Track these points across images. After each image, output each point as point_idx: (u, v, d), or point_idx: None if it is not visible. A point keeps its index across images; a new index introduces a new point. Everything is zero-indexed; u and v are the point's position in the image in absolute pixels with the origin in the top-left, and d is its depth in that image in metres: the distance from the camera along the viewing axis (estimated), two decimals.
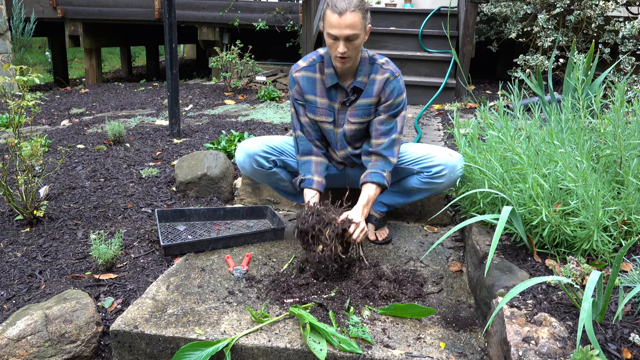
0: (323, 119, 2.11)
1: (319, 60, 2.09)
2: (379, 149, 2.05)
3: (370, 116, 2.09)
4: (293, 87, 2.13)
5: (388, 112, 2.04)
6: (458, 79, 4.62)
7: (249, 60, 5.38)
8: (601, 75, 2.67)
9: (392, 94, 2.03)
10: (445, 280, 1.96)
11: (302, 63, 2.12)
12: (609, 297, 1.33)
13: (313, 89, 2.09)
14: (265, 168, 2.13)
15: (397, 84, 2.04)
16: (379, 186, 2.01)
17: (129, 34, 8.03)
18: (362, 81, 2.04)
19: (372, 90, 2.04)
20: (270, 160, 2.13)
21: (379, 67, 2.04)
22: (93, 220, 2.40)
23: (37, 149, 2.28)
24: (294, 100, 2.14)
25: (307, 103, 2.11)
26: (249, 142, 2.14)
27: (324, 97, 2.09)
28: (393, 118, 2.06)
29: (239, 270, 1.95)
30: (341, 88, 2.06)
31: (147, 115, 4.54)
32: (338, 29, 1.88)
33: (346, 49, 1.91)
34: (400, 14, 5.65)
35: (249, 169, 2.14)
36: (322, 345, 1.50)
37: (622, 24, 4.18)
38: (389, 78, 2.03)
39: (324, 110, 2.10)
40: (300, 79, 2.10)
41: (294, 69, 2.13)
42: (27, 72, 2.20)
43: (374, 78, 2.04)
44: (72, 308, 1.62)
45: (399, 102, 2.05)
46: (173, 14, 3.44)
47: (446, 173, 2.02)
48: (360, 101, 2.06)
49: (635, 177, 1.73)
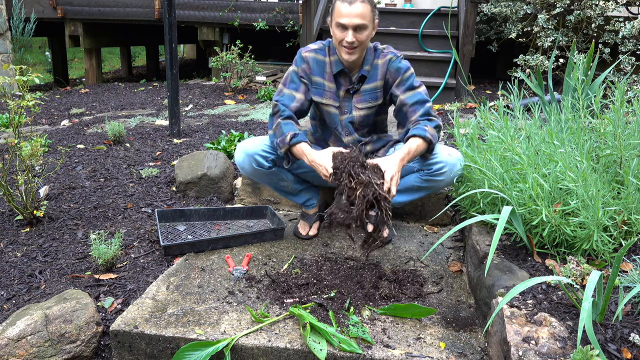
0: (330, 102, 2.13)
1: (327, 44, 2.12)
2: (417, 117, 2.01)
3: (377, 100, 2.11)
4: (300, 65, 2.11)
5: (404, 88, 2.05)
6: (458, 79, 4.62)
7: (249, 60, 5.38)
8: (601, 75, 2.67)
9: (399, 72, 2.06)
10: (445, 280, 1.96)
11: (312, 46, 2.14)
12: (609, 297, 1.33)
13: (322, 72, 2.11)
14: (265, 168, 2.11)
15: (400, 62, 2.08)
16: (421, 138, 1.92)
17: (129, 34, 8.03)
18: (367, 70, 2.08)
19: (377, 74, 2.08)
20: (270, 159, 2.11)
21: (380, 52, 2.09)
22: (93, 220, 2.40)
23: (37, 149, 2.28)
24: (298, 75, 2.11)
25: (313, 85, 2.12)
26: (248, 142, 2.13)
27: (332, 82, 2.11)
28: (413, 90, 2.05)
29: (239, 270, 1.95)
30: (346, 75, 2.09)
31: (147, 115, 4.54)
32: (348, 17, 1.92)
33: (354, 38, 1.94)
34: (400, 14, 5.65)
35: (249, 169, 2.12)
36: (322, 345, 1.50)
37: (622, 24, 4.18)
38: (391, 58, 2.08)
39: (331, 94, 2.12)
40: (310, 59, 2.11)
41: (303, 49, 2.13)
42: (27, 72, 2.20)
43: (377, 63, 2.08)
44: (72, 308, 1.62)
45: (409, 75, 2.06)
46: (173, 14, 3.44)
47: (446, 171, 2.02)
48: (365, 86, 2.09)
49: (635, 177, 1.73)
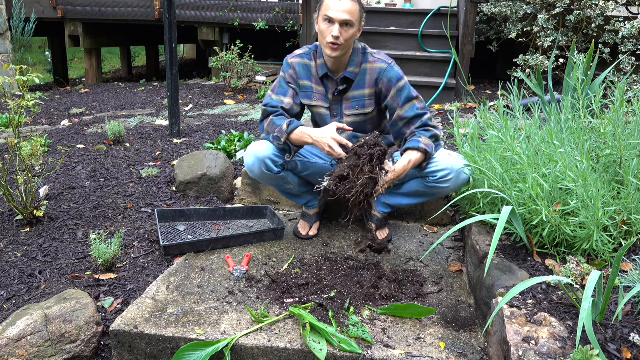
0: (320, 104, 2.13)
1: (314, 49, 2.12)
2: (413, 129, 2.01)
3: (365, 108, 2.09)
4: (287, 71, 2.13)
5: (401, 101, 2.02)
6: (458, 79, 4.62)
7: (249, 60, 5.38)
8: (601, 75, 2.67)
9: (392, 82, 2.03)
10: (445, 280, 1.96)
11: (297, 51, 2.16)
12: (609, 297, 1.33)
13: (308, 76, 2.11)
14: (274, 172, 2.08)
15: (393, 70, 2.03)
16: (415, 150, 1.93)
17: (129, 34, 8.03)
18: (353, 72, 2.05)
19: (365, 80, 2.05)
20: (279, 164, 2.08)
21: (369, 56, 2.06)
22: (93, 220, 2.40)
23: (37, 149, 2.28)
24: (285, 81, 2.13)
25: (302, 89, 2.13)
26: (259, 146, 2.07)
27: (319, 85, 2.11)
28: (410, 102, 2.02)
29: (239, 270, 1.95)
30: (331, 78, 2.08)
31: (147, 115, 4.54)
32: (336, 11, 1.92)
33: (339, 34, 1.93)
34: (400, 14, 5.65)
35: (258, 172, 2.09)
36: (322, 345, 1.50)
37: (622, 24, 4.18)
38: (383, 67, 2.04)
39: (319, 96, 2.12)
40: (296, 64, 2.12)
41: (289, 56, 2.15)
42: (27, 72, 2.20)
43: (365, 68, 2.05)
44: (72, 308, 1.62)
45: (402, 86, 2.03)
46: (173, 14, 3.44)
47: (452, 177, 1.97)
48: (353, 92, 2.08)
49: (635, 177, 1.73)
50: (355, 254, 2.11)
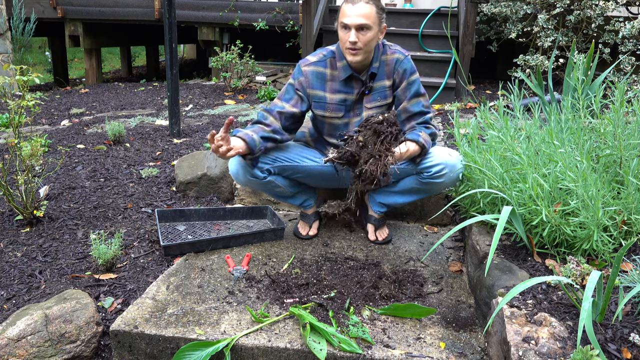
0: (333, 115, 2.11)
1: (330, 55, 2.09)
2: (414, 124, 2.08)
3: (386, 99, 2.11)
4: (297, 78, 2.09)
5: (410, 95, 2.07)
6: (458, 79, 4.62)
7: (249, 60, 5.38)
8: (601, 75, 2.67)
9: (406, 74, 2.07)
10: (445, 280, 1.96)
11: (311, 58, 2.10)
12: (609, 297, 1.33)
13: (322, 85, 2.08)
14: (260, 178, 2.04)
15: (409, 63, 2.09)
16: (414, 142, 1.97)
17: (129, 34, 8.03)
18: (376, 67, 2.08)
19: (384, 71, 2.08)
20: (264, 170, 2.04)
21: (387, 48, 2.09)
22: (93, 220, 2.40)
23: (37, 149, 2.28)
24: (294, 88, 2.09)
25: (314, 99, 2.09)
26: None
27: (334, 93, 2.08)
28: (417, 98, 2.08)
29: (239, 270, 1.95)
30: (357, 78, 2.07)
31: (147, 115, 4.54)
32: (350, 17, 1.93)
33: (357, 39, 1.92)
34: (400, 14, 5.65)
35: (243, 179, 2.05)
36: (322, 345, 1.50)
37: (622, 24, 4.18)
38: (399, 58, 2.08)
39: (334, 106, 2.09)
40: (309, 73, 2.08)
41: (302, 62, 2.10)
42: (27, 72, 2.20)
43: (384, 59, 2.08)
44: (72, 308, 1.62)
45: (414, 80, 2.08)
46: (173, 14, 3.44)
47: (446, 172, 2.01)
48: (375, 84, 2.09)
49: (635, 177, 1.73)
50: (331, 214, 2.18)
